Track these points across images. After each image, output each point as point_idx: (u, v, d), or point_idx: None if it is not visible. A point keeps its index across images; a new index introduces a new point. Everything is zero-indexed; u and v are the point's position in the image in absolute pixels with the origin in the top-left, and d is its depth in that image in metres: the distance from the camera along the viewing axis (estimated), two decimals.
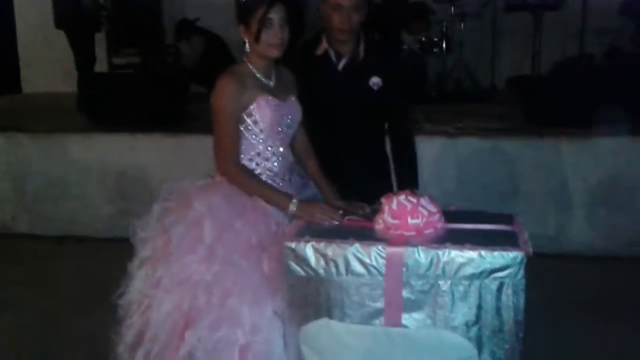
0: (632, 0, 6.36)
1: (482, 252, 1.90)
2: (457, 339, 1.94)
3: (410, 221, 2.08)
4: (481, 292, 1.91)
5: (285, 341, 2.11)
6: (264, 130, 2.31)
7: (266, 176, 2.34)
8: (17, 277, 4.23)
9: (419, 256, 1.93)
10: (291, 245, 2.02)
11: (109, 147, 5.04)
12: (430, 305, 1.94)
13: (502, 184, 4.50)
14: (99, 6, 6.89)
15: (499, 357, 1.95)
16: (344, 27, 2.64)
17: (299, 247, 2.01)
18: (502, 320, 1.93)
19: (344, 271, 1.98)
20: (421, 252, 1.93)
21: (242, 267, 2.11)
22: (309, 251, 2.00)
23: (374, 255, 1.95)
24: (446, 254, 1.92)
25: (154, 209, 2.25)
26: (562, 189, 4.46)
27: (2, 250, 4.77)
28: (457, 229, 2.10)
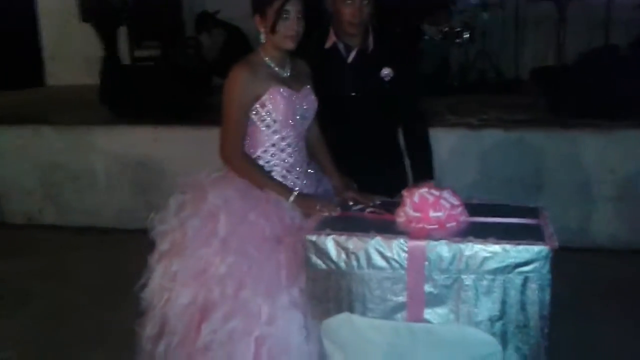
0: None
1: (507, 246, 1.87)
2: (481, 335, 1.91)
3: (432, 214, 2.05)
4: (505, 287, 1.88)
5: (307, 334, 2.09)
6: (278, 121, 2.29)
7: (282, 167, 2.33)
8: (39, 268, 4.28)
9: (442, 250, 1.90)
10: (312, 238, 2.01)
11: (133, 139, 5.07)
12: (453, 300, 1.91)
13: (527, 176, 4.44)
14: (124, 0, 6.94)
15: (524, 352, 1.92)
16: (355, 20, 2.61)
17: (319, 240, 2.00)
18: (527, 315, 1.89)
19: (365, 264, 1.96)
20: (444, 246, 1.90)
21: (256, 259, 2.11)
22: (330, 244, 1.99)
23: (395, 248, 1.93)
24: (469, 248, 1.89)
25: (171, 202, 2.26)
26: (587, 182, 4.39)
27: (27, 241, 4.83)
28: (480, 223, 2.07)
